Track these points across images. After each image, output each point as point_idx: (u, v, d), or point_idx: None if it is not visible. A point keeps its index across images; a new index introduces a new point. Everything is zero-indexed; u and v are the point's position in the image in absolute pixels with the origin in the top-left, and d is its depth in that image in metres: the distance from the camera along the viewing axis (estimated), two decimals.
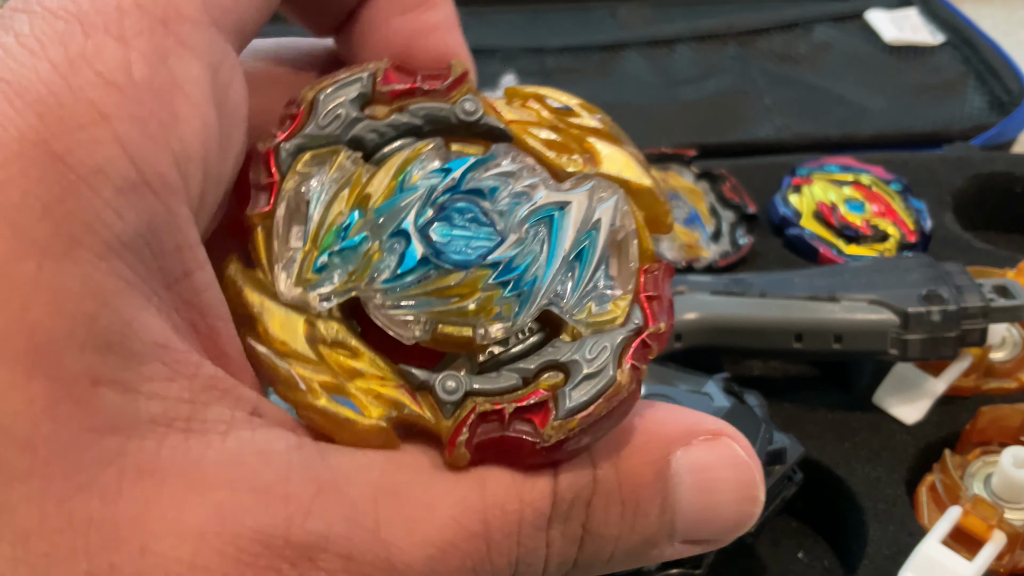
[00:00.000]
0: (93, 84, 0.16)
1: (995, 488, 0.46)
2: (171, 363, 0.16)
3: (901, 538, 0.45)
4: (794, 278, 0.52)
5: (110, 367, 0.16)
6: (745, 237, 0.63)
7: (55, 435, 0.15)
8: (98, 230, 0.15)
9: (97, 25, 0.16)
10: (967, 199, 0.68)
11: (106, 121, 0.16)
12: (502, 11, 0.95)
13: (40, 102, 0.15)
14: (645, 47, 0.87)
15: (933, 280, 0.50)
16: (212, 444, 0.16)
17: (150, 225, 0.16)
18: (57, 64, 0.16)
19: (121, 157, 0.16)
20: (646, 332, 0.20)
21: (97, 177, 0.15)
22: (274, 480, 0.17)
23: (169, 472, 0.16)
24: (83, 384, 0.15)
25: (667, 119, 0.78)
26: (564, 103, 0.22)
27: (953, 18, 0.87)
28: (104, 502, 0.15)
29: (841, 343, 0.49)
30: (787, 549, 0.49)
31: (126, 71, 0.16)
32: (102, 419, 0.15)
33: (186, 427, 0.16)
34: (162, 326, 0.17)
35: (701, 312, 0.51)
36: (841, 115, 0.78)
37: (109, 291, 0.16)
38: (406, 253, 0.20)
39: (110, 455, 0.15)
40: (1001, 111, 0.77)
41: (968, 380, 0.53)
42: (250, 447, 0.17)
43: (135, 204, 0.16)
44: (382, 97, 0.21)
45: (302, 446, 0.18)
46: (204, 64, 0.18)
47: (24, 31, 0.16)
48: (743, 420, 0.44)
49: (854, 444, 0.50)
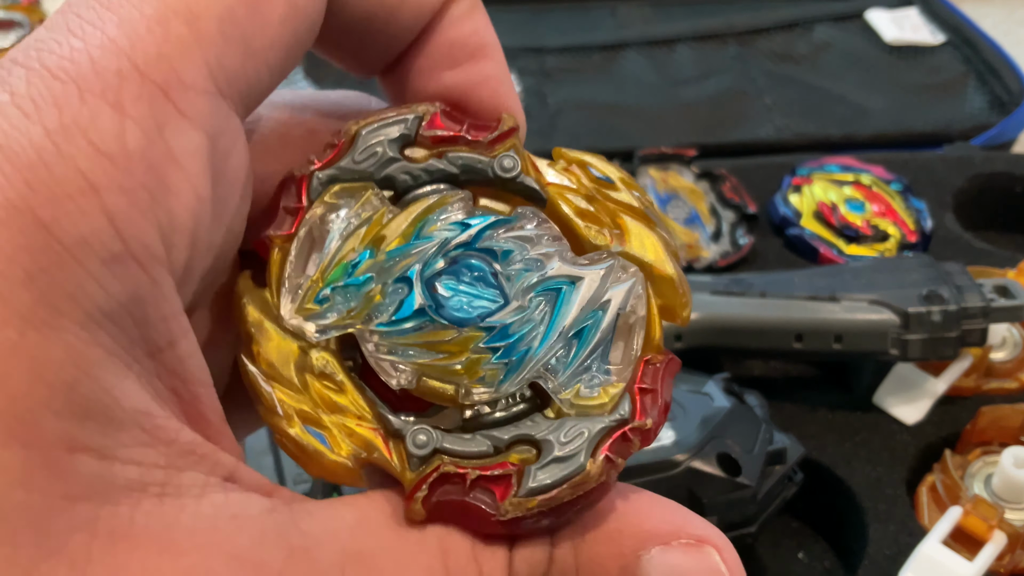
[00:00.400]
0: (85, 153, 0.16)
1: (995, 488, 0.46)
2: (150, 429, 0.16)
3: (901, 538, 0.45)
4: (794, 278, 0.52)
5: (87, 433, 0.16)
6: (745, 237, 0.63)
7: (26, 503, 0.15)
8: (81, 300, 0.15)
9: (95, 90, 0.16)
10: (967, 199, 0.68)
11: (95, 192, 0.16)
12: (502, 11, 0.95)
13: (30, 169, 0.15)
14: (645, 47, 0.87)
15: (933, 280, 0.50)
16: (186, 508, 0.16)
17: (134, 296, 0.16)
18: (50, 130, 0.16)
19: (107, 229, 0.16)
20: (630, 425, 0.20)
21: (82, 248, 0.15)
22: (246, 545, 0.17)
23: (141, 537, 0.16)
24: (59, 451, 0.15)
25: (667, 119, 0.78)
26: (607, 174, 0.22)
27: (953, 18, 0.87)
28: (72, 569, 0.15)
29: (841, 343, 0.49)
30: (787, 549, 0.49)
31: (120, 141, 0.16)
32: (76, 486, 0.15)
33: (160, 491, 0.16)
34: (142, 394, 0.17)
35: (701, 312, 0.51)
36: (841, 115, 0.78)
37: (90, 360, 0.16)
38: (406, 301, 0.20)
39: (82, 521, 0.15)
40: (1001, 111, 0.77)
41: (968, 380, 0.53)
42: (224, 511, 0.17)
43: (119, 275, 0.16)
44: (424, 141, 0.21)
45: (275, 510, 0.18)
46: (203, 134, 0.17)
47: (20, 90, 0.16)
48: (743, 420, 0.44)
49: (854, 444, 0.50)
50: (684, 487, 0.41)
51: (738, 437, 0.42)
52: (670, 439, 0.42)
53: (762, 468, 0.42)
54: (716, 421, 0.43)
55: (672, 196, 0.65)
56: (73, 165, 0.16)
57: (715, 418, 0.43)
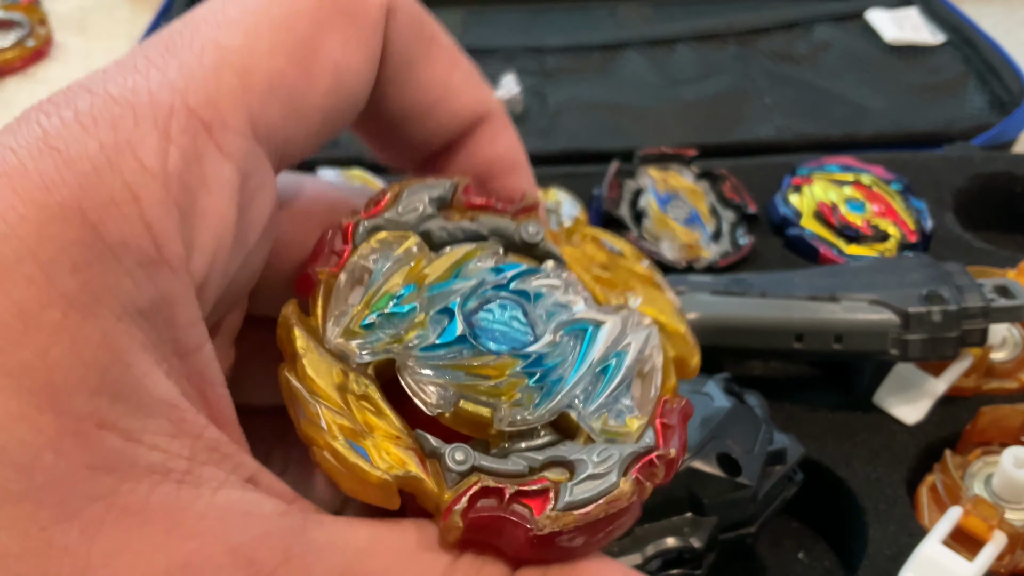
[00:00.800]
0: (131, 168, 0.18)
1: (996, 488, 0.46)
2: (176, 421, 0.18)
3: (901, 538, 0.45)
4: (794, 278, 0.52)
5: (116, 414, 0.17)
6: (745, 237, 0.63)
7: (54, 466, 0.16)
8: (118, 294, 0.17)
9: (147, 117, 0.18)
10: (967, 199, 0.68)
11: (136, 202, 0.18)
12: (502, 11, 0.95)
13: (85, 175, 0.17)
14: (645, 47, 0.87)
15: (934, 280, 0.50)
16: (201, 496, 0.17)
17: (165, 299, 0.18)
18: (105, 145, 0.18)
19: (145, 235, 0.18)
20: (656, 452, 0.20)
21: (123, 248, 0.17)
22: (247, 540, 0.17)
23: (153, 515, 0.17)
24: (89, 425, 0.16)
25: (667, 119, 0.78)
26: (618, 248, 0.24)
27: (953, 18, 0.87)
28: (83, 534, 0.16)
29: (841, 343, 0.49)
30: (787, 549, 0.49)
31: (162, 161, 0.18)
32: (101, 458, 0.17)
33: (180, 479, 0.17)
34: (171, 388, 0.18)
35: (701, 312, 0.51)
36: (841, 115, 0.78)
37: (123, 347, 0.17)
38: (447, 328, 0.21)
39: (101, 492, 0.16)
40: (1001, 111, 0.77)
41: (969, 380, 0.53)
42: (236, 506, 0.18)
43: (153, 277, 0.18)
44: (459, 205, 0.24)
45: (287, 515, 0.18)
46: (235, 169, 0.19)
47: (83, 109, 0.18)
48: (743, 420, 0.44)
49: (854, 444, 0.50)
50: (684, 487, 0.41)
51: (738, 437, 0.42)
52: None
53: (762, 468, 0.42)
54: (716, 421, 0.43)
55: (672, 196, 0.65)
56: (121, 177, 0.18)
57: (715, 418, 0.43)
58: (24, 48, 0.88)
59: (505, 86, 0.78)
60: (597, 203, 0.64)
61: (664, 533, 0.41)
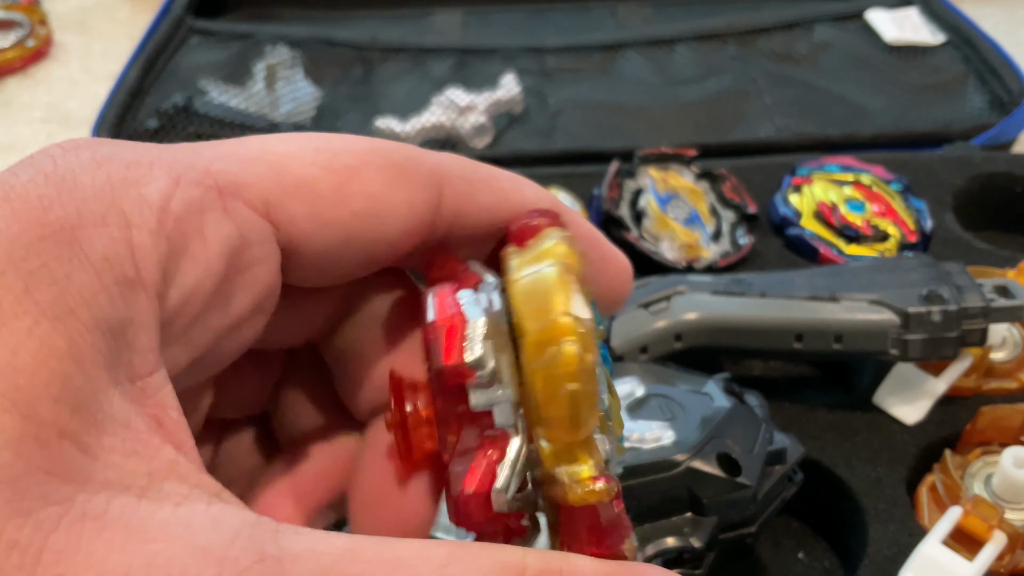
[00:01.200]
0: (132, 199, 0.19)
1: (995, 488, 0.46)
2: (131, 441, 0.17)
3: (901, 538, 0.45)
4: (794, 278, 0.52)
5: (76, 426, 0.17)
6: (745, 237, 0.63)
7: (11, 465, 0.16)
8: (91, 307, 0.17)
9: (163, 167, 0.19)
10: (967, 199, 0.68)
11: (127, 226, 0.18)
12: (502, 11, 0.95)
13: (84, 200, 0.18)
14: (645, 47, 0.87)
15: (934, 280, 0.50)
16: (163, 508, 0.17)
17: (132, 320, 0.18)
18: (112, 178, 0.19)
19: (127, 256, 0.18)
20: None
21: (103, 264, 0.18)
22: (216, 543, 0.17)
23: (113, 522, 0.16)
24: (50, 432, 0.16)
25: (667, 119, 0.78)
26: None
27: (953, 18, 0.87)
28: (37, 531, 0.16)
29: (841, 343, 0.49)
30: (787, 549, 0.49)
31: (164, 200, 0.19)
32: (60, 467, 0.16)
33: (141, 494, 0.17)
34: (126, 408, 0.18)
35: (701, 312, 0.51)
36: (841, 115, 0.78)
37: (87, 361, 0.17)
38: None
39: (58, 497, 0.16)
40: (1001, 111, 0.77)
41: (968, 380, 0.53)
42: (202, 516, 0.17)
43: (126, 297, 0.18)
44: None
45: (260, 524, 0.18)
46: (235, 229, 0.20)
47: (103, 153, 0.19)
48: (743, 420, 0.44)
49: (854, 444, 0.50)
50: (684, 487, 0.41)
51: (738, 437, 0.42)
52: (670, 439, 0.42)
53: (762, 468, 0.42)
54: (716, 421, 0.43)
55: (672, 196, 0.65)
56: (119, 205, 0.18)
57: (715, 418, 0.43)
58: (24, 48, 0.88)
59: (505, 86, 0.78)
60: (597, 203, 0.64)
61: (664, 533, 0.41)
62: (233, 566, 0.17)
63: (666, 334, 0.51)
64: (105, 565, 0.16)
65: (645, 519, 0.41)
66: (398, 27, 0.92)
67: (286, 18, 0.94)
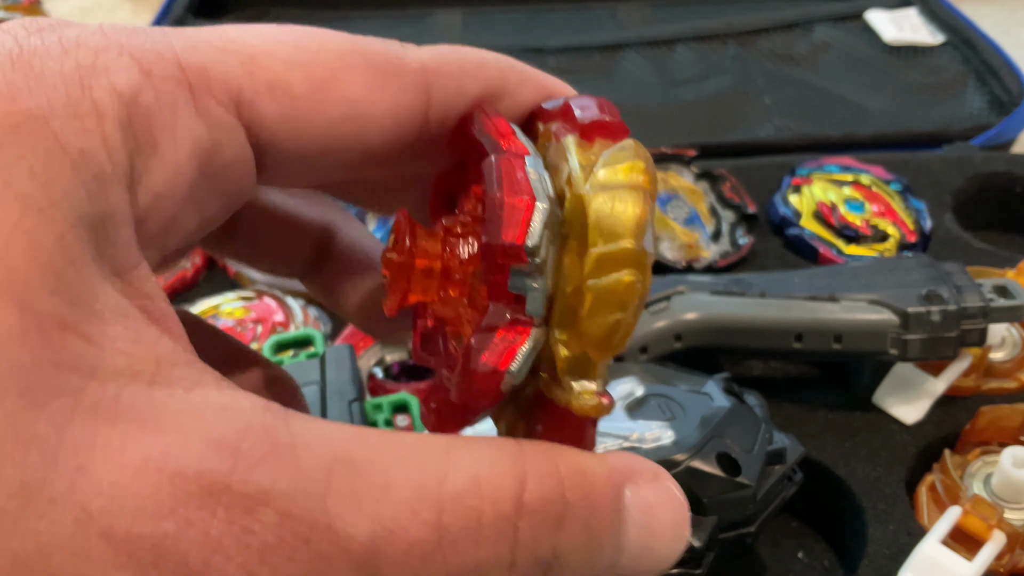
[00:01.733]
0: (103, 88, 0.18)
1: (995, 488, 0.46)
2: (133, 329, 0.17)
3: (901, 538, 0.45)
4: (794, 278, 0.52)
5: (76, 317, 0.16)
6: (745, 237, 0.63)
7: (19, 358, 0.16)
8: (73, 201, 0.17)
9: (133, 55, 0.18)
10: (967, 199, 0.68)
11: (100, 118, 0.18)
12: (502, 11, 0.95)
13: (54, 89, 0.17)
14: (645, 47, 0.87)
15: (933, 280, 0.50)
16: (175, 395, 0.17)
17: (110, 215, 0.18)
18: (81, 65, 0.18)
19: (101, 150, 0.17)
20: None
21: (81, 158, 0.17)
22: (229, 433, 0.17)
23: (125, 413, 0.16)
24: (51, 324, 0.16)
25: (667, 119, 0.78)
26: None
27: (953, 18, 0.87)
28: (51, 424, 0.16)
29: (841, 343, 0.49)
30: (787, 549, 0.49)
31: (134, 93, 0.18)
32: (67, 358, 0.16)
33: (151, 380, 0.17)
34: (120, 299, 0.17)
35: (701, 312, 0.51)
36: (841, 115, 0.78)
37: (76, 254, 0.17)
38: None
39: (69, 389, 0.16)
40: (1001, 111, 0.77)
41: (968, 380, 0.53)
42: (214, 402, 0.17)
43: (104, 191, 0.17)
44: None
45: (268, 410, 0.18)
46: (206, 133, 0.19)
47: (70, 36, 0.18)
48: (743, 420, 0.44)
49: (854, 444, 0.50)
50: (684, 486, 0.40)
51: (738, 437, 0.42)
52: (670, 439, 0.42)
53: (762, 468, 0.42)
54: (716, 421, 0.43)
55: (672, 196, 0.65)
56: (89, 95, 0.18)
57: (715, 418, 0.43)
58: None
59: None
60: None
61: None
62: (247, 458, 0.17)
63: (666, 334, 0.51)
64: (123, 457, 0.16)
65: None
66: (398, 27, 0.92)
67: (286, 18, 0.94)
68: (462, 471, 0.18)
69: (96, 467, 0.16)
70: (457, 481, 0.18)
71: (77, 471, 0.16)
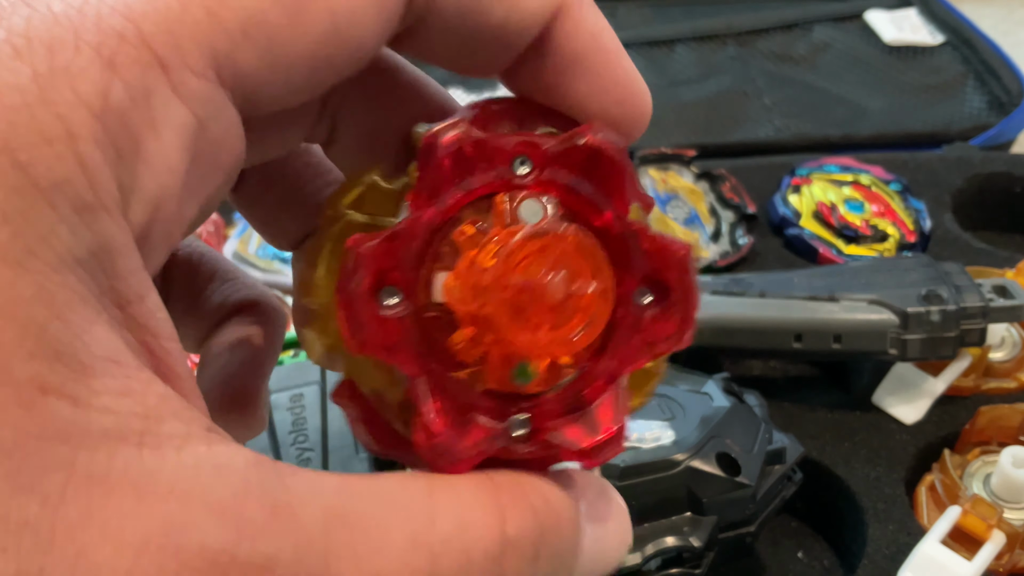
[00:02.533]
0: (67, 102, 0.16)
1: (994, 488, 0.46)
2: (122, 378, 0.16)
3: (900, 538, 0.45)
4: (794, 278, 0.52)
5: (59, 378, 0.15)
6: (745, 237, 0.64)
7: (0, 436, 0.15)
8: (53, 244, 0.15)
9: (92, 43, 0.16)
10: (966, 199, 0.68)
11: (71, 140, 0.16)
12: None
13: (14, 109, 0.15)
14: (645, 47, 0.87)
15: (932, 280, 0.50)
16: (167, 457, 0.16)
17: (103, 246, 0.16)
18: (39, 73, 0.16)
19: (80, 178, 0.16)
20: None
21: (56, 192, 0.15)
22: (229, 497, 0.16)
23: (119, 483, 0.15)
24: (31, 391, 0.15)
25: (667, 119, 0.78)
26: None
27: (952, 18, 0.87)
28: (44, 506, 0.15)
29: (841, 343, 0.49)
30: (787, 549, 0.50)
31: (103, 95, 0.16)
32: (51, 427, 0.15)
33: (139, 441, 0.16)
34: (114, 341, 0.16)
35: (701, 312, 0.51)
36: (841, 115, 0.78)
37: (60, 302, 0.15)
38: None
39: (57, 463, 0.15)
40: (1000, 111, 0.77)
41: (967, 380, 0.53)
42: (207, 462, 0.16)
43: (89, 224, 0.16)
44: None
45: (260, 464, 0.17)
46: (191, 113, 0.17)
47: (18, 29, 0.16)
48: (743, 420, 0.44)
49: (854, 444, 0.50)
50: (684, 486, 0.41)
51: (738, 437, 0.43)
52: (670, 439, 0.42)
53: (761, 467, 0.42)
54: (716, 421, 0.43)
55: (672, 196, 0.66)
56: (55, 111, 0.16)
57: (715, 418, 0.43)
58: None
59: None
60: None
61: (663, 532, 0.41)
62: (250, 525, 0.16)
63: None
64: (122, 536, 0.15)
65: (645, 518, 0.41)
66: None
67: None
68: (448, 515, 0.18)
69: (95, 551, 0.15)
70: (444, 525, 0.18)
71: (76, 557, 0.15)
